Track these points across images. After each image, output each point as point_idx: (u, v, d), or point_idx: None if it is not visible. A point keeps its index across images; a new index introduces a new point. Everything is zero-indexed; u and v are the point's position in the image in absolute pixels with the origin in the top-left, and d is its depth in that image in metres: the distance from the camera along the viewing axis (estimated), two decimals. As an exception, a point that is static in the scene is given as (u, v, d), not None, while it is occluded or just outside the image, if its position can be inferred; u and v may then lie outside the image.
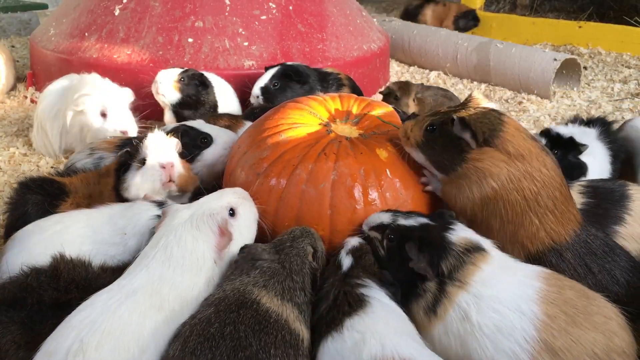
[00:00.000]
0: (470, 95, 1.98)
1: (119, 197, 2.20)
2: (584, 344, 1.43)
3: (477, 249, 1.60)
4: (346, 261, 1.70)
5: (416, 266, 1.58)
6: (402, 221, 1.72)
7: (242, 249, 1.68)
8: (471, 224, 1.84)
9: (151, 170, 2.16)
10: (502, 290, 1.52)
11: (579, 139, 2.50)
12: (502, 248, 1.74)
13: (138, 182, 2.16)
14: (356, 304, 1.52)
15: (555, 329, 1.45)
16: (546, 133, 2.58)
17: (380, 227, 1.75)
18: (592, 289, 1.65)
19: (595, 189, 2.14)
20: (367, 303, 1.52)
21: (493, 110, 1.86)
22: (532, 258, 1.75)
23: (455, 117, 1.78)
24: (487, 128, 1.77)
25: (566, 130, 2.59)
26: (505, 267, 1.59)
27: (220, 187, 2.08)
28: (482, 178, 1.77)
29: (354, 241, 1.78)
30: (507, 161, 1.75)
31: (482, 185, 1.77)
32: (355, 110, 2.29)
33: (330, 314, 1.53)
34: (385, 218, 1.76)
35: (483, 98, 2.01)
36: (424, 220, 1.70)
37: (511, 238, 1.77)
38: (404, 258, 1.62)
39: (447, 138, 1.83)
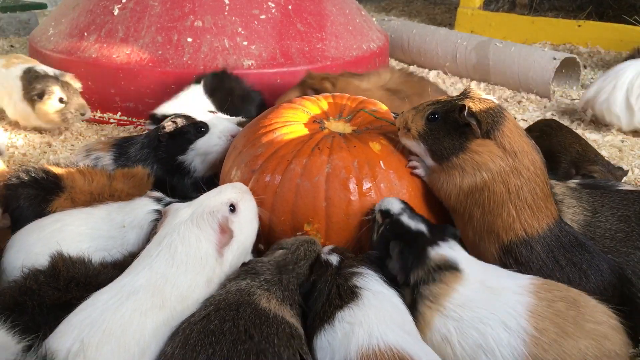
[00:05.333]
0: (468, 87, 1.99)
1: None
2: (575, 354, 1.44)
3: (449, 267, 1.61)
4: (333, 258, 1.71)
5: (391, 265, 1.65)
6: (405, 218, 1.75)
7: (244, 264, 1.69)
8: (454, 213, 1.90)
9: None
10: (484, 311, 1.52)
11: None
12: (480, 237, 1.82)
13: None
14: (347, 296, 1.54)
15: (545, 342, 1.45)
16: None
17: (385, 214, 1.79)
18: (560, 281, 1.69)
19: (587, 186, 2.19)
20: (358, 295, 1.54)
21: (496, 103, 1.89)
22: (505, 248, 1.81)
23: (465, 104, 1.80)
24: (491, 120, 1.81)
25: None
26: (488, 288, 1.58)
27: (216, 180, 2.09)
28: (476, 169, 1.81)
29: (327, 247, 1.82)
30: (502, 156, 1.79)
31: (474, 176, 1.81)
32: (348, 108, 2.32)
33: (323, 308, 1.55)
34: (395, 208, 1.79)
35: (480, 91, 2.02)
36: (421, 227, 1.73)
37: (488, 227, 1.82)
38: (388, 252, 1.68)
39: (451, 126, 1.85)
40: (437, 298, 1.57)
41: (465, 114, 1.80)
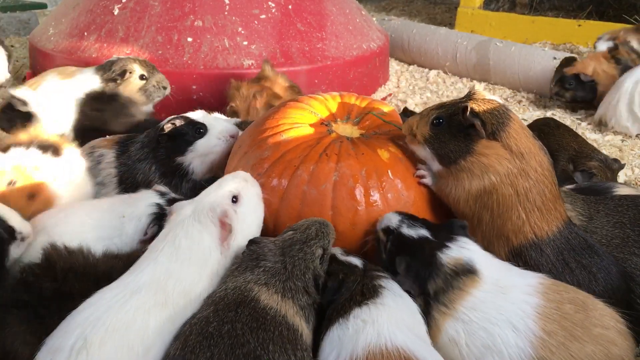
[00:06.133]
0: (473, 88, 1.99)
1: None
2: (582, 358, 1.43)
3: (467, 272, 1.59)
4: (356, 260, 1.71)
5: (401, 281, 1.61)
6: (404, 229, 1.71)
7: (250, 243, 1.68)
8: (461, 218, 1.87)
9: None
10: (493, 311, 1.52)
11: None
12: (489, 241, 1.79)
13: None
14: (369, 294, 1.55)
15: (553, 345, 1.44)
16: None
17: (387, 231, 1.76)
18: (569, 284, 1.68)
19: (582, 191, 2.20)
20: (378, 294, 1.55)
21: (501, 104, 1.88)
22: (515, 251, 1.79)
23: (468, 106, 1.79)
24: (496, 121, 1.79)
25: None
26: (499, 288, 1.57)
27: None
28: (484, 172, 1.79)
29: (337, 249, 1.80)
30: (509, 158, 1.78)
31: (482, 179, 1.79)
32: (356, 110, 2.29)
33: (343, 303, 1.56)
34: (394, 222, 1.75)
35: (484, 92, 2.02)
36: (424, 233, 1.69)
37: (498, 231, 1.81)
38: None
39: (456, 129, 1.84)
40: (452, 303, 1.55)
41: (468, 115, 1.78)
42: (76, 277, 1.64)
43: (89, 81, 3.24)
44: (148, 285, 1.52)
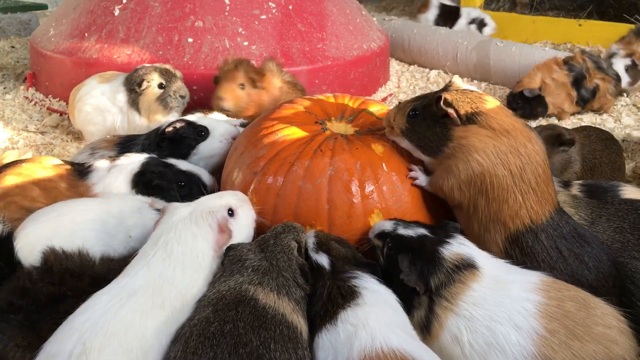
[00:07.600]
0: (450, 81, 2.01)
1: None
2: (584, 357, 1.43)
3: (468, 266, 1.59)
4: (323, 259, 1.69)
5: (406, 278, 1.60)
6: (402, 230, 1.72)
7: (227, 250, 1.68)
8: (459, 209, 1.87)
9: None
10: (495, 308, 1.51)
11: None
12: (485, 228, 1.78)
13: None
14: (349, 295, 1.54)
15: (555, 343, 1.44)
16: None
17: (382, 235, 1.76)
18: (563, 272, 1.68)
19: (589, 187, 2.21)
20: (358, 294, 1.54)
21: (475, 91, 1.89)
22: (512, 238, 1.77)
23: (441, 95, 1.81)
24: (469, 106, 1.80)
25: None
26: (499, 283, 1.57)
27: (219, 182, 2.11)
28: (468, 154, 1.78)
29: (310, 239, 1.78)
30: (493, 136, 1.77)
31: (468, 162, 1.78)
32: (349, 109, 2.32)
33: (324, 307, 1.55)
34: (388, 226, 1.76)
35: (463, 83, 2.03)
36: (422, 231, 1.70)
37: (494, 216, 1.78)
38: (399, 268, 1.62)
39: (431, 120, 1.86)
40: (454, 297, 1.55)
41: (441, 104, 1.79)
42: (72, 278, 1.64)
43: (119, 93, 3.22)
44: (144, 288, 1.51)
